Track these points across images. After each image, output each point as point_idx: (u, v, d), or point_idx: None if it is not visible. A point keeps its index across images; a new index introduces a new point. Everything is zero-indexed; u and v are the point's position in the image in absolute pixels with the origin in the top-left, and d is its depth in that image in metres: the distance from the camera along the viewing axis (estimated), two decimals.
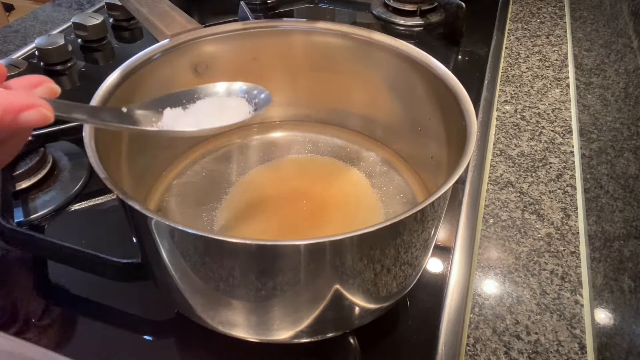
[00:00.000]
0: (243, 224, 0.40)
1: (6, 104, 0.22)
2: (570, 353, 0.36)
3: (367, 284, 0.29)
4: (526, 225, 0.46)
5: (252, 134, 0.49)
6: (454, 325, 0.36)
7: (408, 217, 0.26)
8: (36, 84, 0.24)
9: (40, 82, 0.24)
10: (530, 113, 0.60)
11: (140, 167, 0.40)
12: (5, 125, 0.22)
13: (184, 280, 0.30)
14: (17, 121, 0.22)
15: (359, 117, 0.48)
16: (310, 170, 0.45)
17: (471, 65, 0.67)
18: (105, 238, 0.43)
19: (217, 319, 0.31)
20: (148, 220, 0.26)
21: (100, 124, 0.29)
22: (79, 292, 0.39)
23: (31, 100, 0.22)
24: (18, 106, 0.22)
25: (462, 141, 0.32)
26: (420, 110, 0.41)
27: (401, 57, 0.40)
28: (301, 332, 0.31)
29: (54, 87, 0.25)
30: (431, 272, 0.40)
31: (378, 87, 0.44)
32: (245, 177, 0.44)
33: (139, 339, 0.36)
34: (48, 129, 0.46)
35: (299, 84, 0.47)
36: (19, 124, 0.22)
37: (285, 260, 0.26)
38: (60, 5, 0.80)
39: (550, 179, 0.51)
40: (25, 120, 0.22)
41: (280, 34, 0.43)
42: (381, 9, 0.78)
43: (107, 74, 0.35)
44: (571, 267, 0.42)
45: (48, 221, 0.44)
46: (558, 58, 0.70)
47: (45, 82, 0.24)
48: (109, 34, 0.70)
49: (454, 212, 0.45)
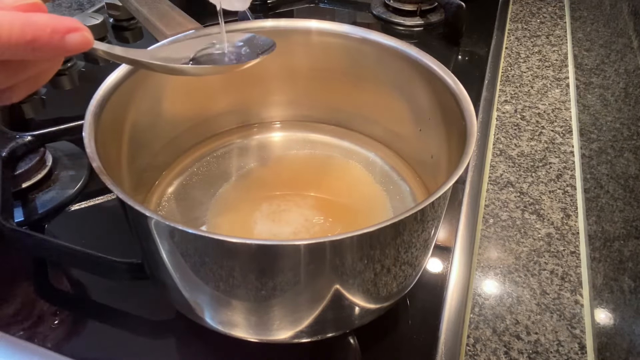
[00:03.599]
0: (244, 223, 0.40)
1: (55, 25, 0.23)
2: (570, 353, 0.36)
3: (367, 284, 0.29)
4: (526, 225, 0.46)
5: (252, 134, 0.49)
6: (454, 325, 0.36)
7: (408, 217, 0.26)
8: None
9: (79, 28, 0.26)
10: (530, 113, 0.60)
11: (140, 166, 0.40)
12: (52, 45, 0.23)
13: (184, 280, 0.30)
14: (64, 42, 0.23)
15: (359, 117, 0.48)
16: (312, 166, 0.45)
17: (471, 65, 0.67)
18: (105, 238, 0.43)
19: (217, 319, 0.31)
20: (148, 220, 0.26)
21: (131, 62, 0.31)
22: (78, 292, 0.39)
23: (76, 23, 0.24)
24: (65, 28, 0.23)
25: (462, 141, 0.32)
26: (420, 110, 0.41)
27: (401, 57, 0.40)
28: (301, 332, 0.31)
29: (90, 37, 0.26)
30: (431, 272, 0.40)
31: (378, 87, 0.44)
32: (246, 176, 0.44)
33: (139, 339, 0.36)
34: (48, 129, 0.46)
35: (299, 84, 0.47)
36: (64, 44, 0.23)
37: (285, 260, 0.26)
38: (60, 5, 0.80)
39: (550, 179, 0.51)
40: (71, 42, 0.24)
41: (280, 34, 0.43)
42: (381, 9, 0.78)
43: (107, 74, 0.35)
44: (571, 267, 0.42)
45: (48, 221, 0.44)
46: (558, 58, 0.70)
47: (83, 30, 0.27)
48: (109, 34, 0.70)
49: (454, 212, 0.45)
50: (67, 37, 0.24)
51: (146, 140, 0.40)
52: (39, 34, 0.23)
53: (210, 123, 0.47)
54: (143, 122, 0.39)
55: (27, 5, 0.24)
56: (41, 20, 0.23)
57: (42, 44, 0.23)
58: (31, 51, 0.23)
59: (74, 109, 0.31)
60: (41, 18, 0.23)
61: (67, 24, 0.24)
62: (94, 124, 0.31)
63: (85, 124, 0.31)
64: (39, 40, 0.23)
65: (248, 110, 0.49)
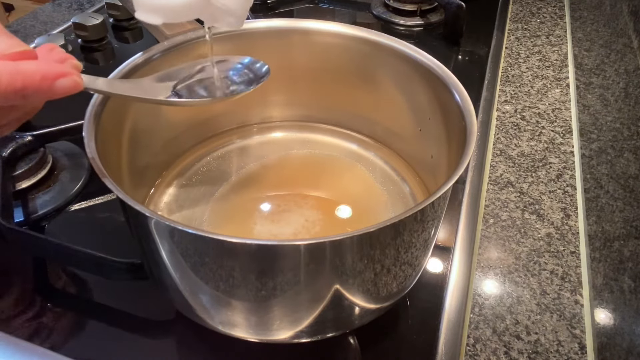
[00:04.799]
0: (244, 223, 0.40)
1: (44, 72, 0.24)
2: (570, 353, 0.36)
3: (367, 284, 0.29)
4: (526, 225, 0.46)
5: (252, 134, 0.49)
6: (454, 325, 0.36)
7: (408, 217, 0.26)
8: (62, 61, 0.27)
9: (66, 59, 0.27)
10: (530, 113, 0.60)
11: (140, 166, 0.40)
12: (43, 91, 0.24)
13: (184, 280, 0.30)
14: (53, 88, 0.24)
15: (359, 117, 0.48)
16: (312, 166, 0.45)
17: (471, 65, 0.67)
18: (105, 238, 0.43)
19: (217, 319, 0.31)
20: (148, 220, 0.26)
21: (119, 95, 0.31)
22: (78, 292, 0.39)
23: (65, 69, 0.25)
24: (54, 74, 0.24)
25: (462, 141, 0.32)
26: (420, 110, 0.41)
27: (401, 57, 0.40)
28: (301, 332, 0.31)
29: (77, 63, 0.27)
30: (431, 272, 0.40)
31: (378, 87, 0.44)
32: (246, 176, 0.44)
33: (139, 339, 0.36)
34: (48, 129, 0.46)
35: (299, 84, 0.47)
36: (54, 90, 0.25)
37: (285, 260, 0.26)
38: (60, 5, 0.80)
39: (550, 179, 0.51)
40: (61, 87, 0.25)
41: (280, 34, 0.43)
42: (381, 9, 0.78)
43: (107, 74, 0.35)
44: (571, 267, 0.42)
45: (48, 221, 0.44)
46: (558, 58, 0.70)
47: (70, 59, 0.27)
48: (109, 34, 0.70)
49: (454, 212, 0.45)
50: (57, 83, 0.24)
51: (146, 140, 0.40)
52: (28, 82, 0.23)
53: (210, 123, 0.47)
54: (143, 122, 0.39)
55: (16, 53, 0.25)
56: (30, 68, 0.24)
57: (32, 91, 0.24)
58: (21, 98, 0.24)
59: (74, 109, 0.31)
60: (30, 66, 0.24)
61: (56, 70, 0.24)
62: (94, 124, 0.31)
63: (85, 124, 0.31)
64: (29, 88, 0.24)
65: (248, 111, 0.49)
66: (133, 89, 0.33)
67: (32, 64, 0.24)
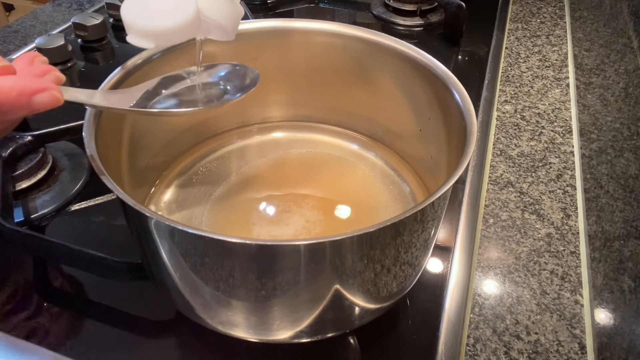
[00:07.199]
0: (244, 223, 0.40)
1: (21, 88, 0.24)
2: (570, 353, 0.36)
3: (367, 284, 0.29)
4: (526, 225, 0.46)
5: (252, 134, 0.49)
6: (454, 325, 0.36)
7: (408, 217, 0.26)
8: (43, 73, 0.27)
9: (48, 71, 0.27)
10: (530, 113, 0.60)
11: (140, 166, 0.40)
12: (20, 107, 0.24)
13: (184, 280, 0.30)
14: (31, 103, 0.24)
15: (359, 117, 0.48)
16: (312, 166, 0.45)
17: (471, 65, 0.67)
18: (105, 238, 0.43)
19: (217, 319, 0.31)
20: (148, 220, 0.26)
21: (102, 108, 0.31)
22: (78, 292, 0.39)
23: (43, 84, 0.25)
24: (31, 90, 0.24)
25: (462, 141, 0.32)
26: (420, 110, 0.41)
27: (401, 57, 0.40)
28: (301, 332, 0.31)
29: (59, 76, 0.27)
30: (431, 272, 0.40)
31: (378, 87, 0.44)
32: (246, 176, 0.44)
33: (138, 339, 0.36)
34: (48, 129, 0.46)
35: (299, 84, 0.47)
36: (31, 105, 0.24)
37: (285, 260, 0.26)
38: (60, 5, 0.80)
39: (550, 179, 0.51)
40: (38, 102, 0.24)
41: (280, 34, 0.43)
42: (381, 9, 0.78)
43: (107, 74, 0.35)
44: (571, 267, 0.42)
45: (48, 221, 0.44)
46: (558, 58, 0.70)
47: (52, 70, 0.27)
48: (109, 34, 0.70)
49: (454, 212, 0.45)
50: (35, 99, 0.24)
51: (146, 140, 0.40)
52: (4, 98, 0.23)
53: (209, 123, 0.47)
54: (143, 122, 0.39)
55: None
56: (6, 84, 0.23)
57: (9, 107, 0.24)
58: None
59: (74, 109, 0.31)
60: (6, 82, 0.24)
61: (34, 85, 0.24)
62: (94, 124, 0.31)
63: (85, 124, 0.31)
64: (5, 104, 0.23)
65: (247, 111, 0.49)
66: (119, 100, 0.32)
67: (8, 79, 0.24)
